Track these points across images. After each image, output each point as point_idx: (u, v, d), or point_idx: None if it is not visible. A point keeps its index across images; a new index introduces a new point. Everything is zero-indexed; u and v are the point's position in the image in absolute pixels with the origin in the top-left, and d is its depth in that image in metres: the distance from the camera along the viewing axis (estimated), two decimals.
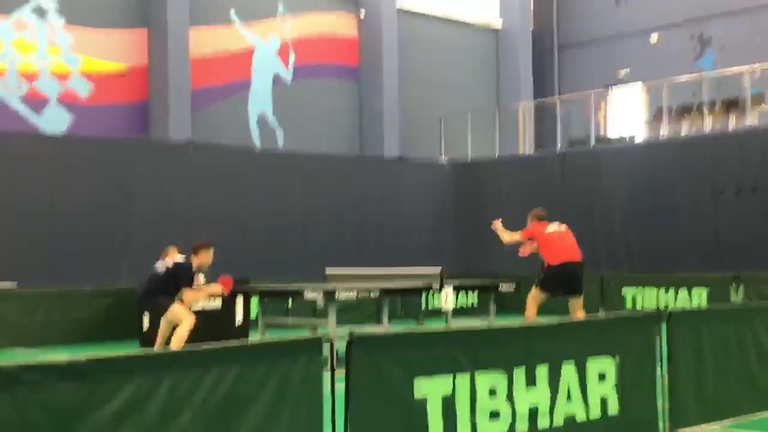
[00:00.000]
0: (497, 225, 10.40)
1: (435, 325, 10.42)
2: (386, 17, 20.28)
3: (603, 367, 5.19)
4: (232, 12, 18.54)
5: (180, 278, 8.92)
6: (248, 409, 3.90)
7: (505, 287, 10.75)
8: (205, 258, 9.08)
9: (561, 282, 9.85)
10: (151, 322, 10.95)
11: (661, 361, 5.53)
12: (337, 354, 4.54)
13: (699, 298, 13.61)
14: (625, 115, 20.08)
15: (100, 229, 14.20)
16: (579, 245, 10.29)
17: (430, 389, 4.38)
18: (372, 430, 4.16)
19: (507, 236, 10.27)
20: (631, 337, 5.44)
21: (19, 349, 11.19)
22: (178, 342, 8.63)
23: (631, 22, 21.63)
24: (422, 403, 4.35)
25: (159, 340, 9.14)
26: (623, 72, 21.67)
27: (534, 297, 9.88)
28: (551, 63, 23.35)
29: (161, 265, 9.10)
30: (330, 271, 11.28)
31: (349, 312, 12.87)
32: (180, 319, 8.86)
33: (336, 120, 20.07)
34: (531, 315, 9.78)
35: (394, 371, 4.27)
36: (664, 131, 18.09)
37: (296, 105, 19.28)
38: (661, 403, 5.51)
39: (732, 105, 17.66)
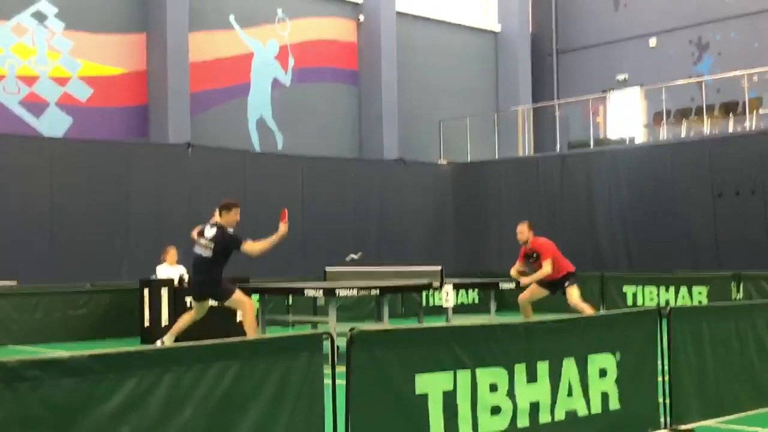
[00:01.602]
0: (525, 281, 10.20)
1: (435, 323, 10.45)
2: (385, 21, 20.30)
3: (604, 363, 5.19)
4: (232, 17, 18.57)
5: (230, 244, 8.83)
6: (249, 405, 3.90)
7: (505, 285, 10.77)
8: (229, 218, 8.96)
9: None
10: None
11: (662, 357, 5.54)
12: (337, 350, 4.54)
13: (699, 296, 13.61)
14: (625, 118, 20.10)
15: (100, 231, 14.23)
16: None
17: (431, 385, 4.37)
18: (373, 426, 4.15)
19: (546, 269, 9.98)
20: (632, 333, 5.44)
21: (19, 347, 11.20)
22: (252, 330, 8.73)
23: (630, 27, 21.66)
24: (423, 399, 4.35)
25: (179, 327, 9.11)
26: (621, 77, 21.73)
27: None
28: (550, 66, 23.38)
29: (201, 248, 8.91)
30: (330, 270, 11.27)
31: (349, 310, 12.90)
32: (241, 306, 8.99)
33: (335, 123, 20.09)
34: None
35: (394, 367, 4.27)
36: (664, 134, 18.13)
37: (295, 108, 19.30)
38: (662, 399, 5.51)
39: (731, 108, 17.70)
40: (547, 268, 9.84)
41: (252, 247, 8.83)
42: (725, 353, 5.92)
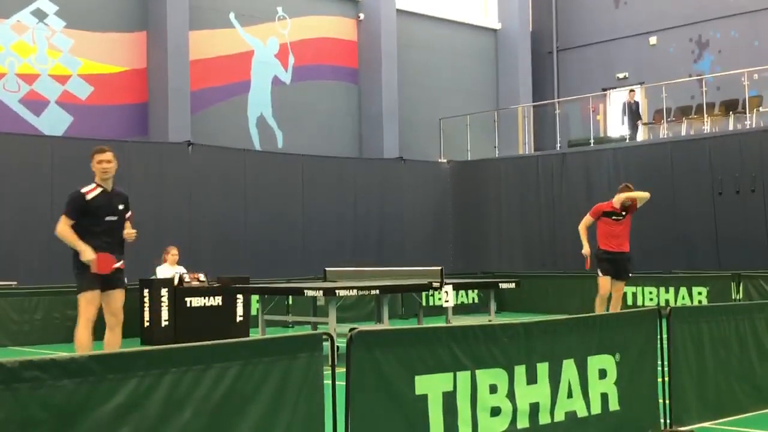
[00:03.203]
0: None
1: (435, 323, 10.46)
2: (385, 19, 20.30)
3: (604, 364, 5.19)
4: (232, 15, 18.57)
5: (69, 202, 6.98)
6: (249, 405, 3.89)
7: (505, 285, 10.77)
8: (93, 167, 7.22)
9: None
10: None
11: (662, 358, 5.53)
12: (337, 351, 4.54)
13: (699, 296, 13.60)
14: (624, 116, 20.07)
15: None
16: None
17: (431, 386, 4.37)
18: (373, 427, 4.15)
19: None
20: (631, 334, 5.43)
21: (19, 348, 11.19)
22: (78, 346, 6.88)
23: (630, 25, 21.66)
24: (423, 400, 4.34)
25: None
26: (621, 75, 21.72)
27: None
28: (550, 65, 23.37)
29: None
30: (330, 270, 11.27)
31: (348, 311, 12.90)
32: (79, 311, 6.93)
33: (335, 121, 20.09)
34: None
35: (394, 368, 4.25)
36: (664, 132, 18.13)
37: (295, 106, 19.30)
38: (662, 400, 5.51)
39: (731, 107, 17.71)
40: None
41: (63, 228, 7.09)
42: (725, 354, 5.90)
